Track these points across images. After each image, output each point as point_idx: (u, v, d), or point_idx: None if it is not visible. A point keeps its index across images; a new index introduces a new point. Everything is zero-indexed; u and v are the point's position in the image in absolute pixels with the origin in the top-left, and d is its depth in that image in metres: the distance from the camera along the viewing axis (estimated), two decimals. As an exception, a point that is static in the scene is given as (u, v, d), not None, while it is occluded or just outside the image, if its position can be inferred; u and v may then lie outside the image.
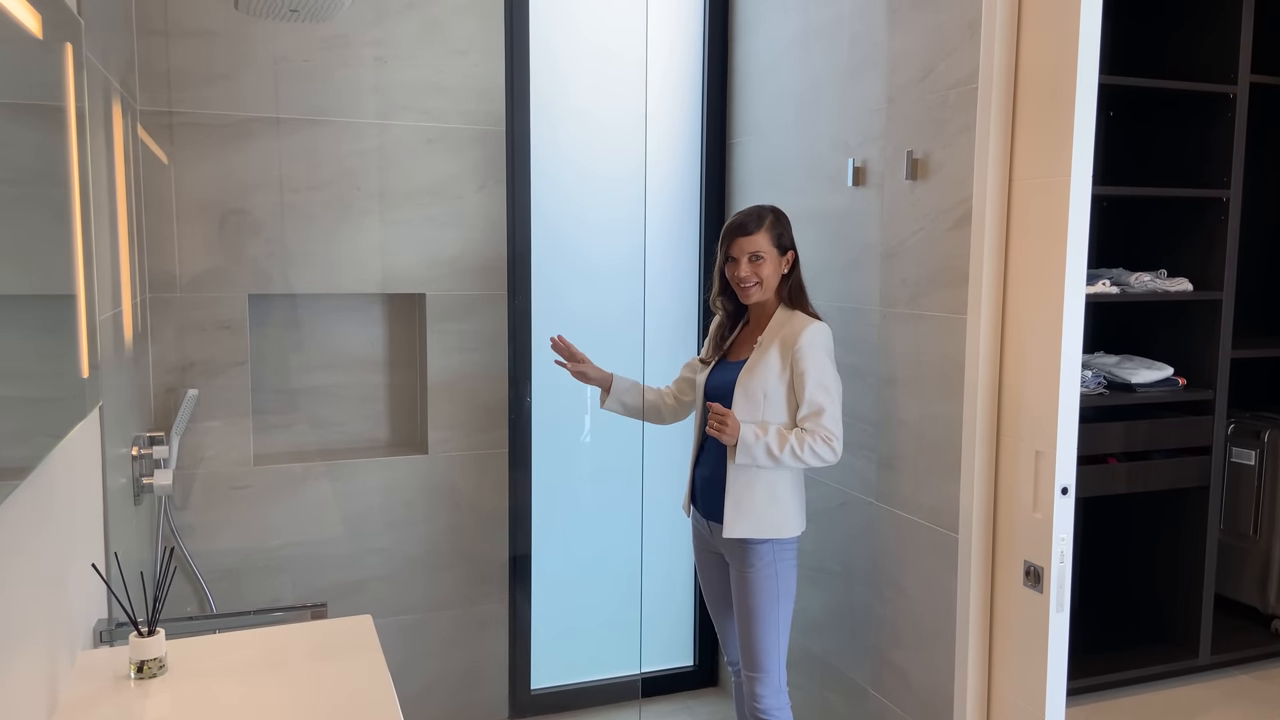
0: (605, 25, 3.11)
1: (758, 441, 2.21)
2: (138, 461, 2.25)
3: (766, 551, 2.27)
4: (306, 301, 2.88)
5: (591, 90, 3.11)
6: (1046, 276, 2.00)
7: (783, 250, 2.31)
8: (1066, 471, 1.99)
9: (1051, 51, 1.98)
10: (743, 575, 2.31)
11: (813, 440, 2.20)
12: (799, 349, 2.22)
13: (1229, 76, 2.80)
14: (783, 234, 2.31)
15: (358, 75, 2.79)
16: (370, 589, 2.93)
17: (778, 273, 2.31)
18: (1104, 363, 2.92)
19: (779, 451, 2.20)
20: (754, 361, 2.29)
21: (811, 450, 2.20)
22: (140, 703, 1.41)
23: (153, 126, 2.61)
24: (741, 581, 2.31)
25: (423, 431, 2.99)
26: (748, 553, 2.29)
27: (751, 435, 2.22)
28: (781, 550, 2.29)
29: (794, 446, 2.20)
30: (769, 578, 2.28)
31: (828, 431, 2.21)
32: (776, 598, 2.28)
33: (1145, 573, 3.18)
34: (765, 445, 2.21)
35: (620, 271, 3.17)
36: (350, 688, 1.46)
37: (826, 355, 2.25)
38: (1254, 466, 3.27)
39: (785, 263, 2.32)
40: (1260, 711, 2.86)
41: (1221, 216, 2.86)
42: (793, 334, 2.25)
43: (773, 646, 2.30)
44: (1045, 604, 2.02)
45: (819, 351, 2.23)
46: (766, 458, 2.21)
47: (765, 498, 2.27)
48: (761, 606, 2.29)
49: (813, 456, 2.20)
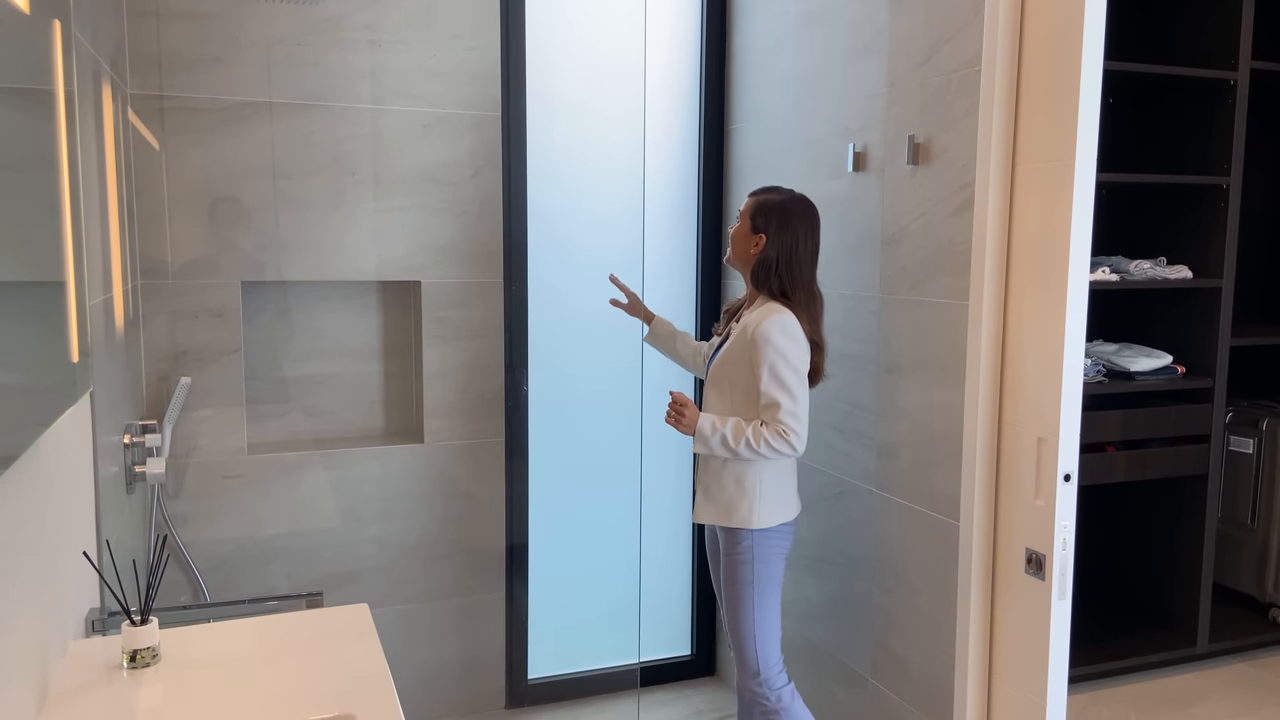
0: (602, 10, 3.08)
1: (714, 433, 2.20)
2: (130, 450, 2.23)
3: (744, 538, 2.27)
4: (300, 289, 2.85)
5: (588, 77, 3.08)
6: (1049, 262, 1.98)
7: (754, 229, 2.27)
8: (1069, 458, 1.98)
9: (1056, 33, 1.95)
10: (723, 560, 2.32)
11: (768, 433, 2.17)
12: (753, 339, 2.19)
13: (1230, 63, 2.78)
14: (760, 216, 2.26)
15: (351, 59, 2.75)
16: (366, 579, 2.91)
17: (744, 247, 2.29)
18: (1103, 351, 2.91)
19: (734, 444, 2.18)
20: (725, 350, 2.29)
21: (767, 444, 2.16)
22: (133, 692, 1.39)
23: (144, 110, 2.57)
24: (722, 567, 2.33)
25: (418, 420, 2.97)
26: (725, 539, 2.31)
27: (709, 426, 2.20)
28: (761, 539, 2.27)
29: (749, 439, 2.17)
30: (744, 564, 2.27)
31: (783, 425, 2.17)
32: (751, 584, 2.27)
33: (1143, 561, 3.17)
34: (721, 436, 2.19)
35: (617, 259, 3.15)
36: (346, 677, 1.44)
37: (782, 345, 2.17)
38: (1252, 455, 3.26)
39: (755, 243, 2.27)
40: (1257, 699, 2.86)
41: (1221, 203, 2.85)
42: (752, 323, 2.22)
43: (747, 634, 2.29)
44: (1047, 591, 2.01)
45: (773, 342, 2.17)
46: (723, 449, 2.20)
47: (733, 486, 2.27)
48: (736, 592, 2.29)
49: (769, 450, 2.17)
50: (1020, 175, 2.06)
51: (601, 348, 3.17)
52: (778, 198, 2.28)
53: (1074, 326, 1.96)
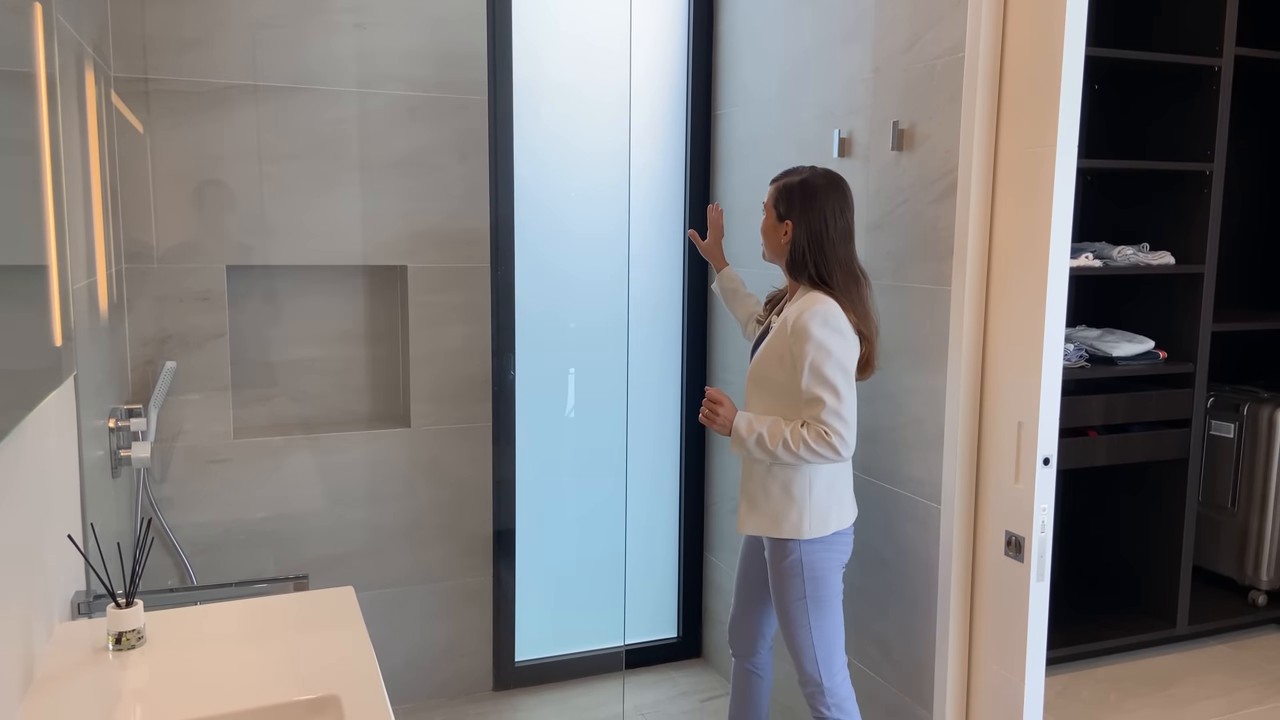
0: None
1: (750, 434, 2.04)
2: (115, 434, 2.23)
3: (793, 549, 2.11)
4: (286, 273, 2.85)
5: (575, 60, 3.08)
6: (1031, 248, 2.00)
7: (779, 217, 2.13)
8: (1048, 442, 2.00)
9: (1038, 20, 1.96)
10: (773, 573, 2.17)
11: (809, 435, 2.00)
12: (794, 333, 2.03)
13: (1213, 49, 2.79)
14: (783, 201, 2.12)
15: (337, 42, 2.74)
16: (353, 562, 2.93)
17: (774, 237, 2.14)
18: (1086, 336, 2.93)
19: (772, 445, 2.02)
20: (766, 345, 2.13)
21: (806, 446, 2.00)
22: (118, 674, 1.40)
23: (128, 94, 2.56)
24: (773, 580, 2.18)
25: (405, 405, 2.98)
26: (772, 549, 2.15)
27: (745, 426, 2.05)
28: (811, 550, 2.10)
29: (787, 440, 2.01)
30: (794, 578, 2.11)
31: (825, 426, 2.00)
32: (804, 598, 2.11)
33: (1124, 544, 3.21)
34: (758, 437, 2.03)
35: (605, 243, 3.15)
36: (332, 659, 1.45)
37: (825, 339, 2.00)
38: (1233, 439, 3.30)
39: (783, 232, 2.13)
40: (1236, 681, 2.89)
41: (1204, 190, 2.87)
42: (791, 316, 2.05)
43: (806, 652, 2.13)
44: (1026, 574, 2.03)
45: (814, 336, 2.00)
46: (760, 450, 2.04)
47: (779, 494, 2.10)
48: (788, 609, 2.14)
49: (809, 453, 2.00)
50: (1003, 162, 2.07)
51: (588, 333, 3.18)
52: (797, 178, 2.12)
53: (1054, 312, 1.97)
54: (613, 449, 3.24)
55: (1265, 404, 3.27)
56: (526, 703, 3.12)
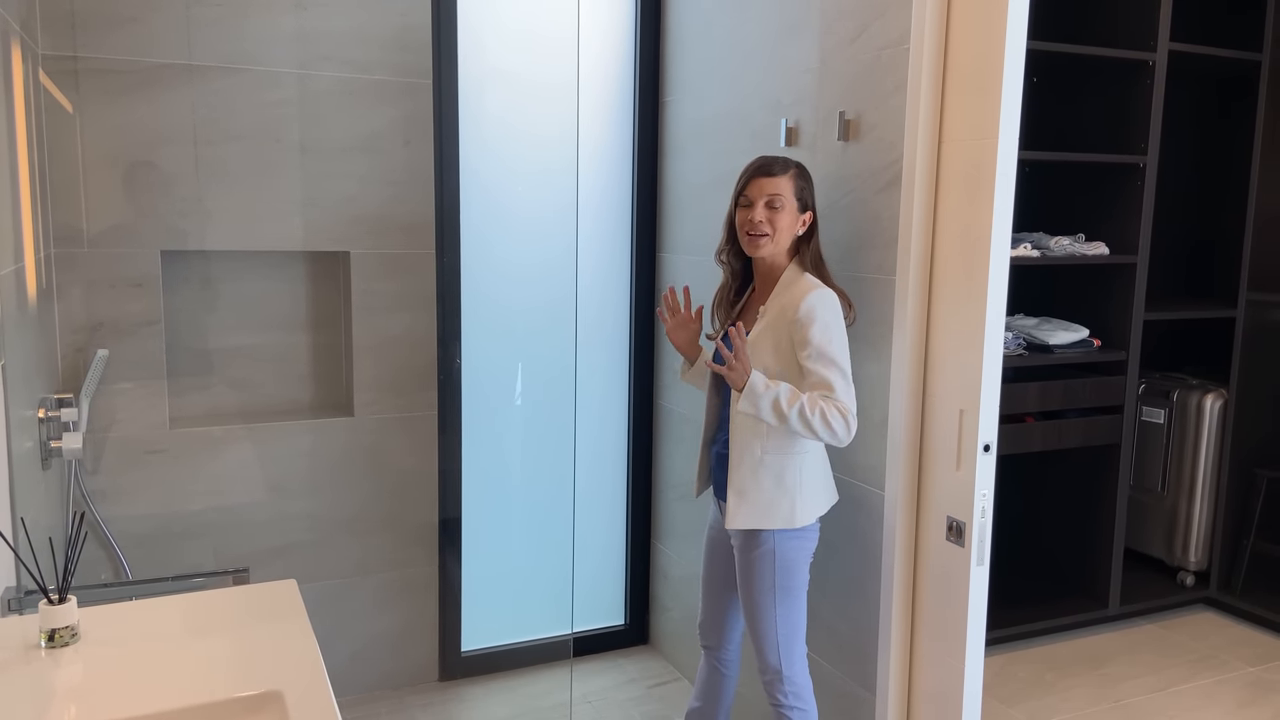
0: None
1: (767, 391, 1.96)
2: (45, 424, 2.16)
3: (768, 539, 2.10)
4: (224, 259, 2.78)
5: (521, 46, 3.04)
6: (973, 238, 2.03)
7: (803, 207, 2.11)
8: (989, 429, 2.04)
9: (981, 12, 1.99)
10: (741, 562, 2.16)
11: (826, 406, 1.96)
12: (797, 319, 2.01)
13: (1148, 44, 2.86)
14: (805, 189, 2.12)
15: (276, 21, 2.68)
16: (295, 554, 2.88)
17: (793, 230, 2.10)
18: (1024, 324, 3.00)
19: (787, 409, 1.95)
20: (755, 336, 2.10)
21: (823, 417, 1.96)
22: (51, 672, 1.36)
23: (56, 73, 2.47)
24: (740, 569, 2.17)
25: (348, 393, 2.93)
26: (747, 539, 2.14)
27: (762, 384, 1.97)
28: (784, 540, 2.10)
29: (804, 407, 1.95)
30: (765, 567, 2.11)
31: (843, 404, 1.98)
32: (772, 589, 2.11)
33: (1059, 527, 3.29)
34: (774, 397, 1.96)
35: (551, 230, 3.13)
36: (274, 654, 1.43)
37: (830, 325, 2.01)
38: (1163, 425, 3.40)
39: (802, 223, 2.12)
40: (1165, 660, 2.99)
41: (1138, 182, 2.94)
42: (792, 302, 2.04)
43: (769, 640, 2.14)
44: (966, 558, 2.07)
45: (821, 321, 2.00)
46: (772, 413, 1.97)
47: (772, 486, 2.09)
48: (755, 598, 2.14)
49: (823, 426, 1.96)
50: (946, 152, 2.10)
51: (536, 321, 3.16)
52: (799, 165, 2.13)
53: (995, 301, 2.01)
54: (560, 436, 3.23)
55: (1194, 390, 3.38)
56: (473, 692, 3.11)
